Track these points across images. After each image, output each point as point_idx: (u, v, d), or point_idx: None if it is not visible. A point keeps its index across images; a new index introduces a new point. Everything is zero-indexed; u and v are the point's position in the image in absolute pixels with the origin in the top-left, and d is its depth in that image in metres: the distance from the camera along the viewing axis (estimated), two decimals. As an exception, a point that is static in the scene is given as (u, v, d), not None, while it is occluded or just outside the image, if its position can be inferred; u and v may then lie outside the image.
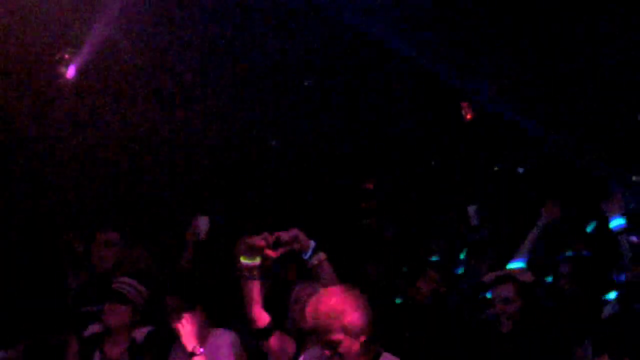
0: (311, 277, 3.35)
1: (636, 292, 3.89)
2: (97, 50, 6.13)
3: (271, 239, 3.18)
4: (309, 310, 2.88)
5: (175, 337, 3.59)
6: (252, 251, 3.19)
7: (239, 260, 3.23)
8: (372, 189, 8.78)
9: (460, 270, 5.66)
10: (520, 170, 8.49)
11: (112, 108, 6.81)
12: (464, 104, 8.14)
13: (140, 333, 3.88)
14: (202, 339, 3.62)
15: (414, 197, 8.43)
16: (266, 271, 3.63)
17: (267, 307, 3.30)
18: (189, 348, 3.50)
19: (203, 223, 4.69)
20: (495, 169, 8.67)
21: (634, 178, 7.13)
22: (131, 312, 3.84)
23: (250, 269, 3.21)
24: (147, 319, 3.93)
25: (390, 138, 8.38)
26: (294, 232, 3.23)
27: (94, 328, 3.94)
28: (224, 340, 3.76)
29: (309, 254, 3.25)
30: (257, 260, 3.21)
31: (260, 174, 8.01)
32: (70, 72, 6.28)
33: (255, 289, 3.22)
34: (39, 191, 6.57)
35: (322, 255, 3.26)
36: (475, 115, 8.08)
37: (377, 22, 6.42)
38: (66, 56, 6.23)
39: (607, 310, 3.96)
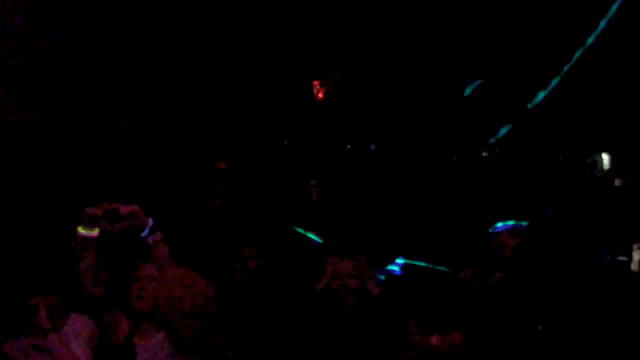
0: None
1: None
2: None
3: (109, 209, 3.17)
4: (149, 294, 2.85)
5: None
6: (90, 221, 3.19)
7: (76, 230, 3.20)
8: (225, 168, 8.66)
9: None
10: (373, 147, 8.66)
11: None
12: (315, 82, 8.18)
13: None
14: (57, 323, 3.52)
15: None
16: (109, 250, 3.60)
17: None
18: (45, 327, 3.43)
19: None
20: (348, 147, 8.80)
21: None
22: None
23: (87, 239, 3.20)
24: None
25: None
26: (133, 207, 3.23)
27: None
28: (81, 326, 3.63)
29: (146, 232, 3.25)
30: (94, 232, 3.22)
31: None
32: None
33: (90, 261, 3.23)
34: None
35: (158, 235, 3.26)
36: (327, 94, 8.15)
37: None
38: None
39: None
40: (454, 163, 7.86)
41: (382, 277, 4.65)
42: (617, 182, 7.59)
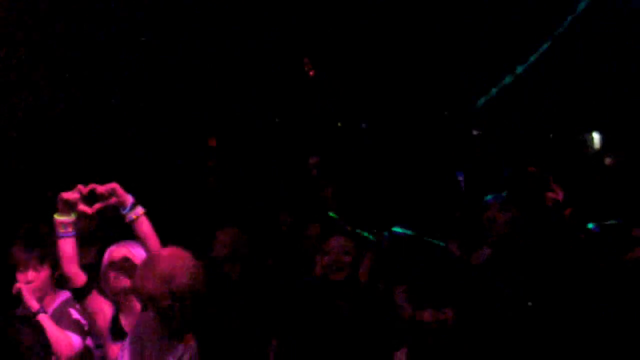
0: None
1: None
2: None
3: (85, 190, 3.09)
4: (137, 274, 2.82)
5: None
6: (66, 206, 3.10)
7: (53, 217, 3.12)
8: (215, 146, 8.62)
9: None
10: (364, 125, 8.65)
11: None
12: (306, 60, 8.13)
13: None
14: (47, 300, 3.51)
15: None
16: (91, 235, 3.53)
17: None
18: (33, 309, 3.38)
19: None
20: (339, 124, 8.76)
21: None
22: None
23: (65, 225, 3.11)
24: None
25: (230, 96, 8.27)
26: (112, 185, 3.16)
27: None
28: (72, 303, 3.59)
29: (127, 208, 3.19)
30: (72, 217, 3.13)
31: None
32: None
33: (70, 247, 3.14)
34: None
35: (140, 210, 3.20)
36: (317, 71, 8.10)
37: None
38: None
39: None
40: (442, 135, 7.88)
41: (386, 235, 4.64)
42: (607, 161, 7.62)
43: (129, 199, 3.19)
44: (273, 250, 5.31)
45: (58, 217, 3.13)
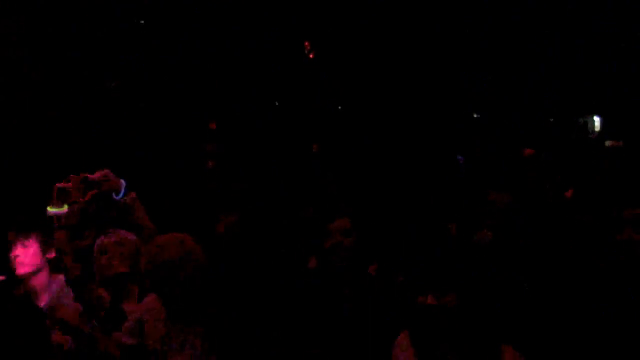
0: None
1: None
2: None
3: (78, 180, 3.12)
4: (145, 261, 2.81)
5: None
6: (61, 196, 3.13)
7: (46, 210, 3.14)
8: (215, 129, 8.61)
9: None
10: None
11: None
12: (307, 43, 8.12)
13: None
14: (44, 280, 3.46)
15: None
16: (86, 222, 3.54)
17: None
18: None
19: None
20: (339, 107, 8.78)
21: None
22: None
23: (58, 217, 3.15)
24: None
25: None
26: (104, 171, 3.18)
27: None
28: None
29: (121, 193, 3.21)
30: (65, 208, 3.16)
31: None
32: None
33: (65, 238, 3.18)
34: None
35: (133, 194, 3.23)
36: (315, 54, 8.10)
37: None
38: None
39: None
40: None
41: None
42: (608, 143, 7.62)
43: (122, 183, 3.21)
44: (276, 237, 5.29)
45: (50, 210, 3.17)
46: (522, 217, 4.33)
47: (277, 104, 8.53)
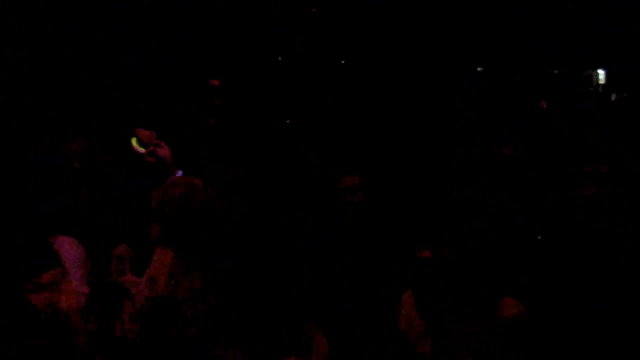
0: None
1: None
2: None
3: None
4: (154, 199, 2.86)
5: None
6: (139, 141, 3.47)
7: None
8: (217, 85, 8.56)
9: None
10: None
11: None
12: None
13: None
14: None
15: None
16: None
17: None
18: None
19: None
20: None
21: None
22: None
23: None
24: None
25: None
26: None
27: None
28: (69, 247, 3.52)
29: None
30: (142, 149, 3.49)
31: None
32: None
33: None
34: None
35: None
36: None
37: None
38: None
39: None
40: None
41: None
42: (613, 97, 7.58)
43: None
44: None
45: (134, 144, 3.48)
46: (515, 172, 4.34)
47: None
